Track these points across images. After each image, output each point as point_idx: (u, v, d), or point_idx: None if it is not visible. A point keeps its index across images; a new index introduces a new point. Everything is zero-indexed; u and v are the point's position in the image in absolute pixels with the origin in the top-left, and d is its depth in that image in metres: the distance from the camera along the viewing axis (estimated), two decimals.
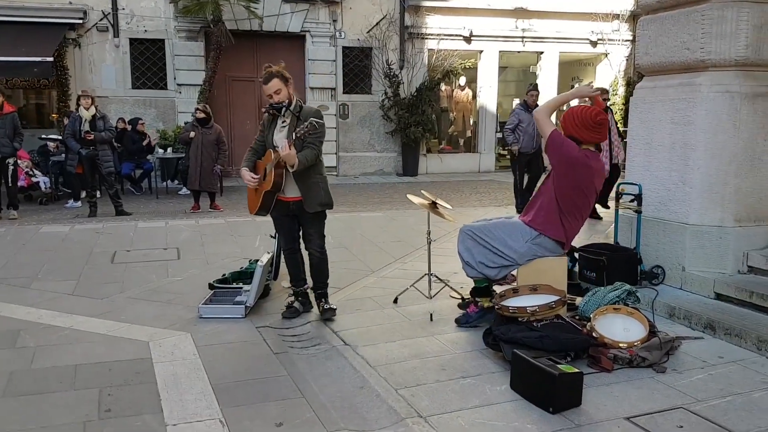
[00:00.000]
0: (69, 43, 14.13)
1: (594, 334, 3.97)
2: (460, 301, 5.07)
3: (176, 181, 13.71)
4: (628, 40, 17.21)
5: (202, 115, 10.39)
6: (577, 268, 5.32)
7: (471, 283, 4.81)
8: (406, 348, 4.23)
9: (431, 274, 5.32)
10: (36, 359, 4.08)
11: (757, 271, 4.87)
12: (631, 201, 5.33)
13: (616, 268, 4.98)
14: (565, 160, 4.29)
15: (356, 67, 16.10)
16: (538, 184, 4.68)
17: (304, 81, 15.74)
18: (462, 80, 17.09)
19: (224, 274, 5.66)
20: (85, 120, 9.67)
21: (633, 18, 16.16)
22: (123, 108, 14.50)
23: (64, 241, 7.80)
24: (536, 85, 10.36)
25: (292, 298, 5.05)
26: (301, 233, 4.88)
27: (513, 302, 4.25)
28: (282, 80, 4.57)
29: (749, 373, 3.78)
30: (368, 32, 15.84)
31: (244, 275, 5.55)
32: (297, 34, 15.54)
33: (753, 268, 4.90)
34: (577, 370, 3.40)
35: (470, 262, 4.51)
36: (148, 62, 14.85)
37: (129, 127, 13.23)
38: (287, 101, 4.63)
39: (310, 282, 5.03)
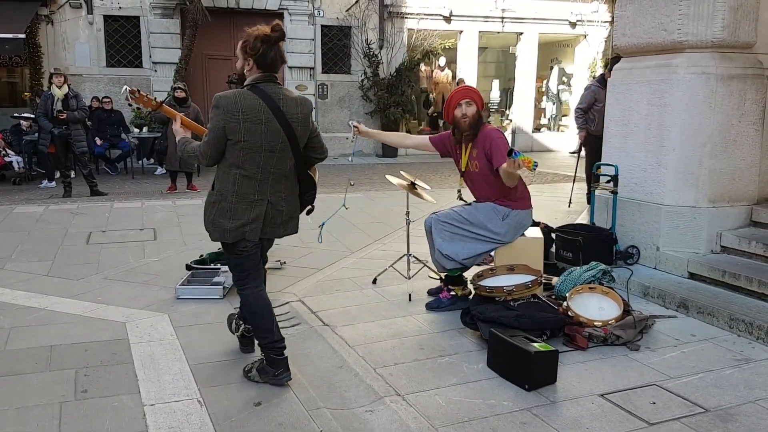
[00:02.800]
0: (41, 19, 13.82)
1: (570, 313, 4.03)
2: (439, 281, 5.10)
3: (152, 161, 13.55)
4: (607, 22, 17.25)
5: (183, 95, 10.25)
6: (553, 248, 5.37)
7: None
8: (384, 328, 4.25)
9: (410, 255, 5.34)
10: (11, 341, 4.03)
11: (730, 251, 4.96)
12: (608, 182, 5.37)
13: (592, 248, 5.04)
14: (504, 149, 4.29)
15: (335, 46, 15.96)
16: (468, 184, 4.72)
17: None
18: (442, 61, 17.02)
19: (202, 255, 5.63)
20: (58, 99, 9.48)
21: None
22: (97, 86, 14.24)
23: (39, 222, 7.69)
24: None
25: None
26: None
27: (490, 282, 4.30)
28: (242, 45, 3.28)
29: (720, 350, 3.86)
30: (347, 11, 15.69)
31: (222, 256, 5.48)
32: (275, 12, 15.33)
33: (726, 248, 4.99)
34: (552, 348, 3.45)
35: (450, 255, 4.47)
36: (122, 40, 14.58)
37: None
38: (240, 74, 3.50)
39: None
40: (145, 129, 13.32)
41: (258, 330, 3.48)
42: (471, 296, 4.63)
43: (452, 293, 4.61)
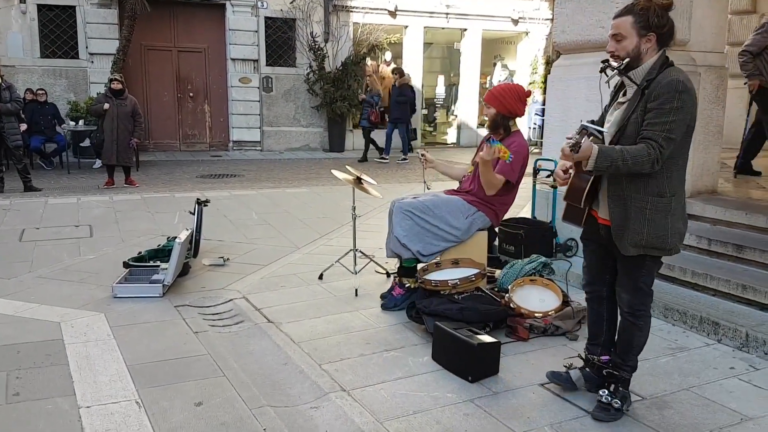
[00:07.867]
0: None
1: (512, 305, 4.09)
2: (386, 276, 5.12)
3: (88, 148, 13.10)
4: (548, 19, 17.58)
5: (119, 86, 9.96)
6: (497, 242, 5.45)
7: (395, 259, 4.82)
8: (330, 323, 4.24)
9: (356, 250, 5.32)
10: None
11: None
12: (548, 177, 5.48)
13: (533, 241, 5.13)
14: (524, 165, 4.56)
15: (280, 38, 15.76)
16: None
17: (225, 52, 15.31)
18: (388, 55, 17.03)
19: (140, 252, 5.48)
20: None
21: None
22: (31, 78, 13.68)
23: None
24: None
25: (572, 363, 3.36)
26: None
27: (435, 276, 4.33)
28: (637, 19, 2.74)
29: (656, 339, 3.99)
30: (291, 3, 15.50)
31: (162, 253, 5.39)
32: (217, 3, 15.03)
33: None
34: (495, 340, 3.50)
35: (407, 245, 4.46)
36: (57, 30, 14.04)
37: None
38: (627, 58, 2.80)
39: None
40: (81, 122, 12.88)
41: (634, 359, 3.12)
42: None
43: (406, 286, 4.55)
